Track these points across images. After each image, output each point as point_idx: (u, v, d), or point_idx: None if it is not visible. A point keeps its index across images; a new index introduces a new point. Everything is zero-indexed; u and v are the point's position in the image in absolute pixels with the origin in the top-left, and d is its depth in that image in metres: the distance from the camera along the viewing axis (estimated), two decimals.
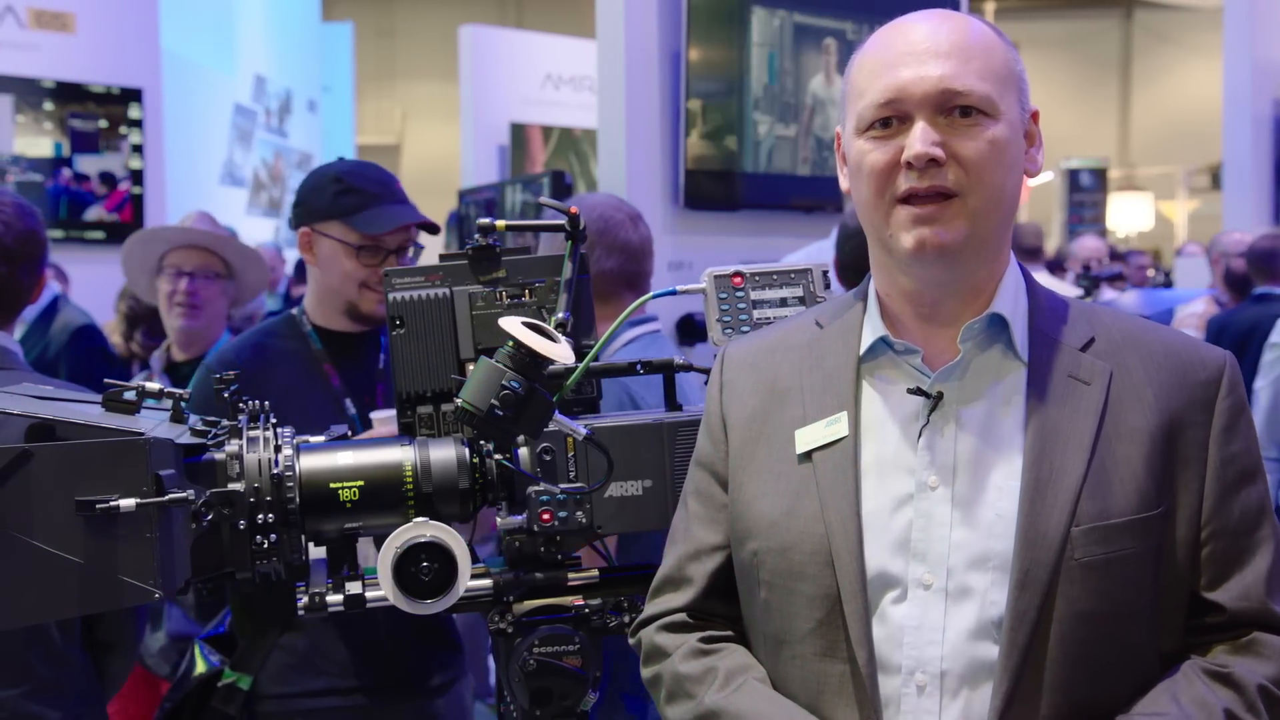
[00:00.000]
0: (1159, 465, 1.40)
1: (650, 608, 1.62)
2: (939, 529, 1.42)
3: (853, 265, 3.51)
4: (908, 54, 1.42)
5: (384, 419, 2.26)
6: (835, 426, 1.48)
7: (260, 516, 1.60)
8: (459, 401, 1.58)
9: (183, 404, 1.63)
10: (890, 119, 1.42)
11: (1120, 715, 1.37)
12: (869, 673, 1.40)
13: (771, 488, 1.50)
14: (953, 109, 1.40)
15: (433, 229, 2.68)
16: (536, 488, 1.74)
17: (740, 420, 1.56)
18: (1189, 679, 1.39)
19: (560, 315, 1.82)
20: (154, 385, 1.57)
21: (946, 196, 1.40)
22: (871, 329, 1.51)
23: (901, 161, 1.40)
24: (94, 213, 7.50)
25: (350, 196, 2.57)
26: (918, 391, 1.45)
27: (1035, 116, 1.50)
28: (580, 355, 1.74)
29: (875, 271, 1.54)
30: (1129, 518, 1.38)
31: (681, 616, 1.58)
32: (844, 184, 1.54)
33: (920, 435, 1.44)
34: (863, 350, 1.51)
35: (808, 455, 1.48)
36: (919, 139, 1.39)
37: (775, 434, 1.53)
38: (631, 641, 1.66)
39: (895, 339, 1.49)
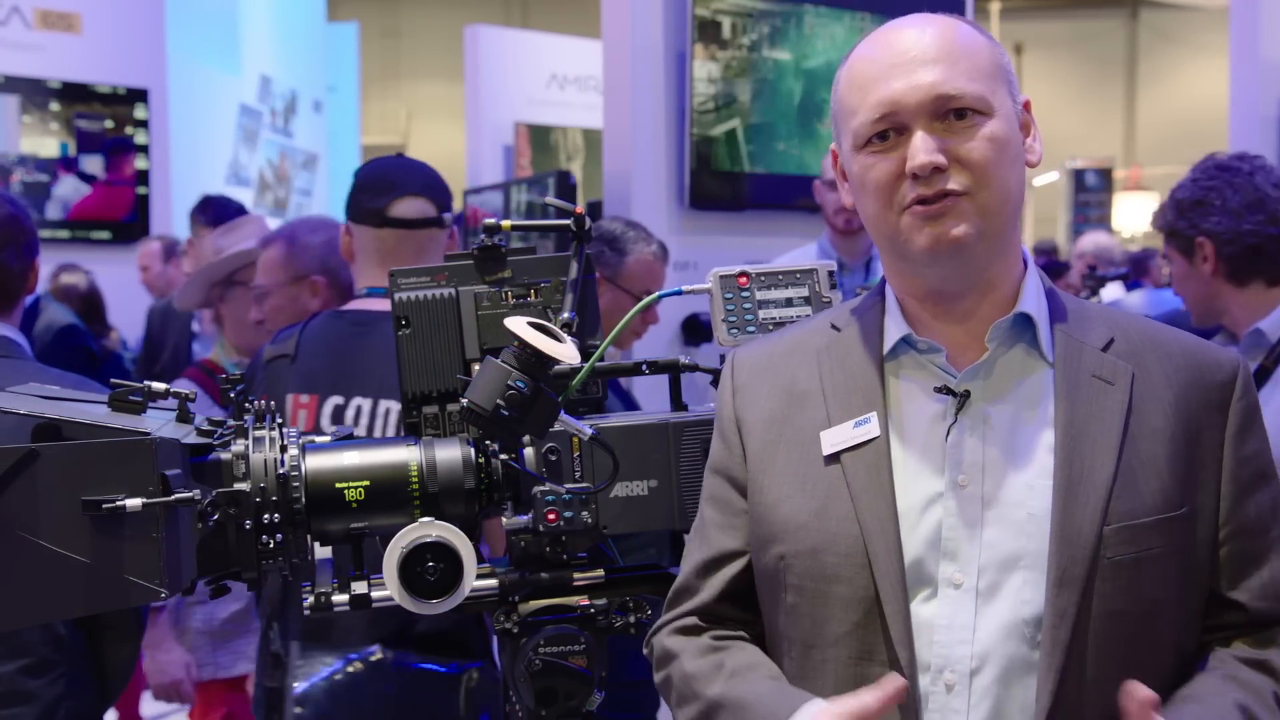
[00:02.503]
0: (1181, 466, 1.41)
1: (665, 615, 1.62)
2: (969, 528, 1.41)
3: None
4: (895, 65, 1.43)
5: None
6: (865, 427, 1.47)
7: (266, 516, 1.60)
8: (464, 401, 1.58)
9: (189, 404, 1.63)
10: (887, 131, 1.43)
11: (1182, 689, 1.38)
12: (910, 673, 1.39)
13: (796, 490, 1.49)
14: (948, 113, 1.41)
15: None
16: (542, 488, 1.74)
17: (757, 423, 1.56)
18: (1229, 663, 1.40)
19: (566, 315, 1.82)
20: (160, 385, 1.57)
21: (954, 196, 1.40)
22: (894, 328, 1.51)
23: (906, 172, 1.41)
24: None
25: None
26: (945, 390, 1.45)
27: (1027, 106, 1.51)
28: (585, 355, 1.74)
29: (890, 276, 1.54)
30: (1156, 517, 1.39)
31: (693, 620, 1.58)
32: (847, 200, 1.55)
33: (948, 434, 1.44)
34: (886, 349, 1.51)
35: (835, 457, 1.47)
36: (920, 149, 1.39)
37: (796, 437, 1.52)
38: (646, 651, 1.65)
39: (919, 337, 1.49)
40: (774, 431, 1.54)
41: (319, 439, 1.77)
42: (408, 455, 1.70)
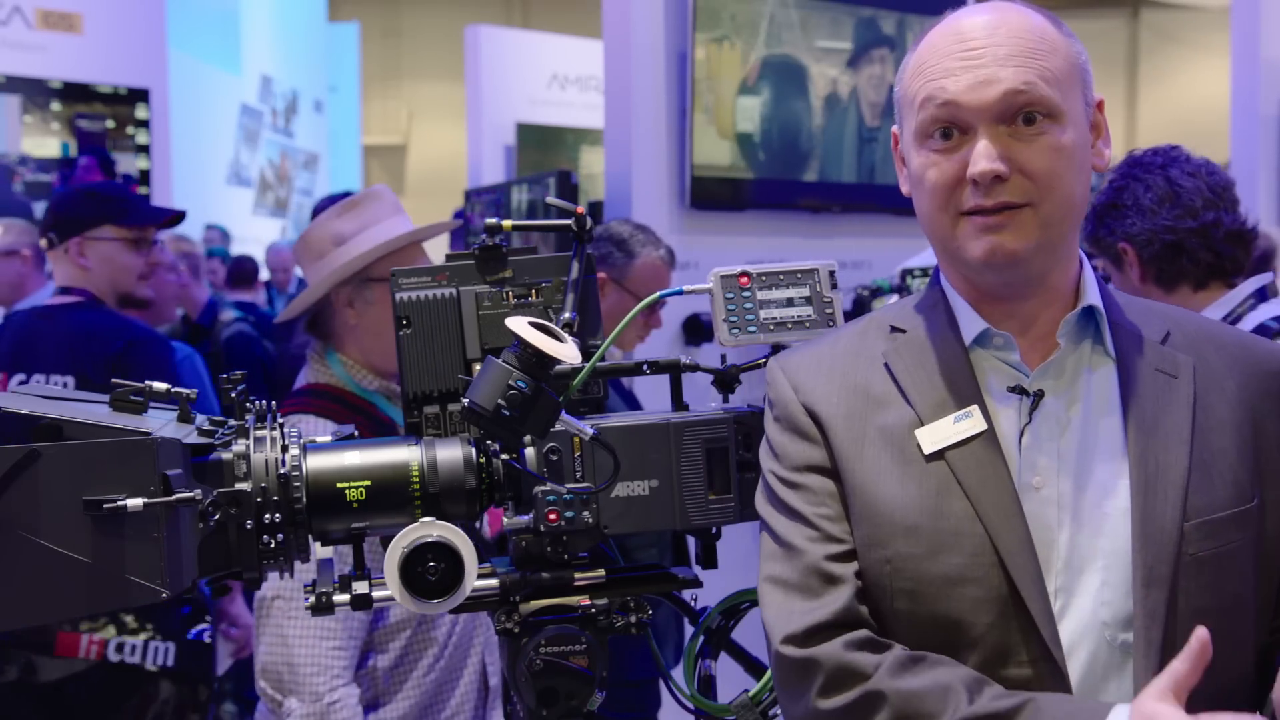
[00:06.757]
0: (1249, 457, 1.39)
1: (802, 618, 1.42)
2: (1046, 531, 1.37)
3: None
4: (965, 60, 1.36)
5: None
6: (968, 422, 1.41)
7: (267, 516, 1.60)
8: (465, 401, 1.58)
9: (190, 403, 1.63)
10: (950, 129, 1.37)
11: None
12: (1062, 672, 1.33)
13: (899, 492, 1.42)
14: (1016, 116, 1.35)
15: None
16: (543, 488, 1.73)
17: (836, 419, 1.48)
18: None
19: (567, 315, 1.81)
20: (161, 385, 1.57)
21: (1014, 207, 1.35)
22: (970, 323, 1.46)
23: (966, 178, 1.35)
24: None
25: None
26: (1018, 390, 1.42)
27: (1100, 105, 1.44)
28: (587, 355, 1.74)
29: (948, 275, 1.49)
30: (1231, 510, 1.37)
31: (865, 633, 1.41)
32: (904, 188, 1.49)
33: (1022, 435, 1.40)
34: (968, 342, 1.46)
35: (939, 455, 1.41)
36: (983, 156, 1.34)
37: (881, 437, 1.45)
38: (796, 654, 1.43)
39: (996, 330, 1.44)
40: (856, 429, 1.46)
41: (320, 439, 1.77)
42: (409, 455, 1.70)
